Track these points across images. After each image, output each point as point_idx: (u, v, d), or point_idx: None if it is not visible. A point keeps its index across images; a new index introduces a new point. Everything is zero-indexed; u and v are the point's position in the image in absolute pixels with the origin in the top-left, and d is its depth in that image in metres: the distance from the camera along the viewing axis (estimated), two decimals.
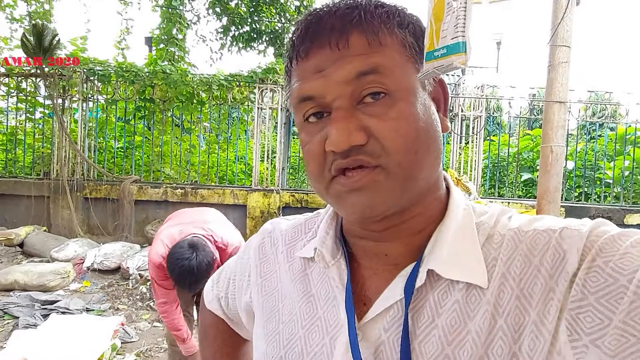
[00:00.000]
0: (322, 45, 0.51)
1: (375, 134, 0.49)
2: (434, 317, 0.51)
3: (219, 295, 0.81)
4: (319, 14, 0.52)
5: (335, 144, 0.49)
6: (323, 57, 0.51)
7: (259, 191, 6.25)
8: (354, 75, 0.49)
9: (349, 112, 0.50)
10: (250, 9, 8.73)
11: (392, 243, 0.56)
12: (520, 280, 0.48)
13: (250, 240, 0.76)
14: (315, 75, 0.51)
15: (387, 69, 0.49)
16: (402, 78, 0.50)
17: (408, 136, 0.49)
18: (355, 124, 0.49)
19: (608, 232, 0.47)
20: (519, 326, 0.47)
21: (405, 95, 0.50)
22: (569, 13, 3.72)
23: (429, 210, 0.55)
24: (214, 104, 6.71)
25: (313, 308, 0.60)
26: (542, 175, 3.98)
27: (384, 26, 0.51)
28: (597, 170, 6.79)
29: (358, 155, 0.49)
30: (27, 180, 6.43)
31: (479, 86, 6.44)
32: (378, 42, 0.50)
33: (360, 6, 0.51)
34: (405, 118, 0.49)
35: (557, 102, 3.89)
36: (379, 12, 0.51)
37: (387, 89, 0.49)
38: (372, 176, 0.49)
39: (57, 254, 5.30)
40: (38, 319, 3.85)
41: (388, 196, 0.50)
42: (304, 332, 0.59)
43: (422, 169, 0.51)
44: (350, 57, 0.49)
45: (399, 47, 0.51)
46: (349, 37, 0.50)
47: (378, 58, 0.49)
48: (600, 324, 0.42)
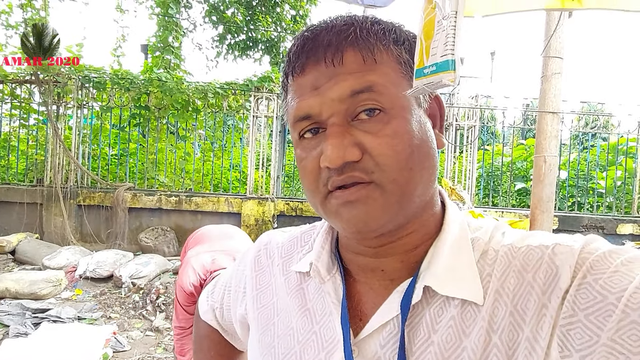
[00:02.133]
0: (318, 61, 0.51)
1: (370, 151, 0.49)
2: (430, 333, 0.51)
3: (214, 306, 0.80)
4: (315, 30, 0.53)
5: (329, 160, 0.49)
6: (318, 74, 0.51)
7: (253, 199, 6.24)
8: (348, 94, 0.50)
9: (343, 128, 0.50)
10: (247, 17, 8.78)
11: (388, 259, 0.56)
12: (514, 297, 0.49)
13: (247, 252, 0.76)
14: (311, 92, 0.51)
15: (381, 86, 0.50)
16: (397, 95, 0.51)
17: (402, 153, 0.49)
18: (350, 140, 0.49)
19: (600, 249, 0.47)
20: (513, 343, 0.47)
21: (400, 113, 0.50)
22: (561, 25, 3.77)
23: (424, 227, 0.56)
24: (210, 112, 6.71)
25: (309, 323, 0.59)
26: (535, 184, 4.01)
27: (379, 43, 0.51)
28: (589, 180, 6.83)
29: (353, 172, 0.50)
30: (19, 187, 6.38)
31: (473, 96, 6.49)
32: (373, 59, 0.50)
33: (356, 23, 0.52)
34: (399, 135, 0.50)
35: (550, 112, 3.92)
36: (375, 29, 0.52)
37: (382, 106, 0.50)
38: (367, 192, 0.50)
39: (49, 261, 5.25)
40: (29, 328, 3.80)
41: (383, 212, 0.50)
42: (299, 347, 0.59)
43: (417, 186, 0.51)
44: (345, 75, 0.50)
45: (394, 64, 0.52)
46: (344, 54, 0.50)
47: (372, 76, 0.50)
48: (589, 340, 0.42)
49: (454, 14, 0.44)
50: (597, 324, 0.42)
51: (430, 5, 0.48)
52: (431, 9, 0.48)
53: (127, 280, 4.91)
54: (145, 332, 4.14)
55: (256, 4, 9.10)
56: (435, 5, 0.47)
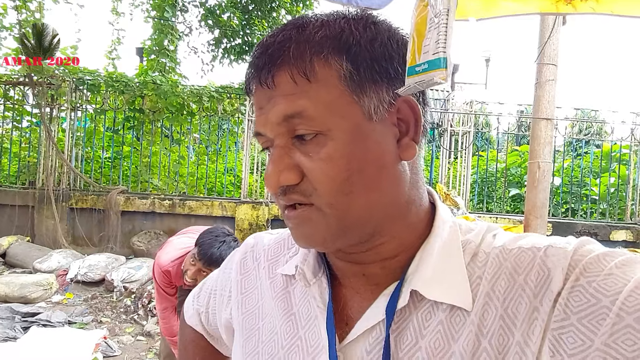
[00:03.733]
0: (258, 83, 0.50)
1: (307, 174, 0.49)
2: (418, 338, 0.50)
3: (199, 310, 0.79)
4: (262, 46, 0.51)
5: (266, 181, 0.50)
6: (260, 94, 0.51)
7: (247, 203, 6.21)
8: (282, 118, 0.49)
9: (285, 150, 0.50)
10: (243, 22, 8.79)
11: (368, 265, 0.55)
12: (505, 300, 0.47)
13: (233, 255, 0.74)
14: (259, 111, 0.52)
15: (312, 110, 0.47)
16: (334, 116, 0.48)
17: (336, 178, 0.48)
18: (287, 164, 0.49)
19: (593, 251, 0.46)
20: (504, 347, 0.46)
21: (338, 134, 0.48)
22: (555, 32, 3.80)
23: (399, 237, 0.53)
24: (204, 116, 6.70)
25: (294, 327, 0.58)
26: (529, 190, 4.01)
27: (316, 57, 0.48)
28: (583, 186, 6.87)
29: (292, 194, 0.50)
30: (11, 190, 6.32)
31: (468, 102, 6.52)
32: (306, 79, 0.48)
33: (295, 35, 0.49)
34: (333, 160, 0.48)
35: (544, 119, 3.94)
36: (315, 39, 0.49)
37: (317, 130, 0.48)
38: (307, 214, 0.50)
39: (40, 265, 5.20)
40: (18, 332, 3.76)
41: (326, 232, 0.50)
42: (284, 352, 0.57)
43: (360, 208, 0.49)
44: (278, 98, 0.49)
45: (333, 80, 0.48)
46: (275, 76, 0.49)
47: (303, 99, 0.48)
48: (582, 345, 0.41)
49: (446, 11, 0.44)
50: (591, 328, 0.41)
51: (423, 3, 0.48)
52: (423, 6, 0.47)
53: (119, 284, 4.87)
54: (137, 336, 4.10)
55: (252, 8, 9.12)
56: (428, 3, 0.46)
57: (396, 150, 0.51)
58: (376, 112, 0.49)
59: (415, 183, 0.54)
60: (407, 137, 0.52)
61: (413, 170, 0.54)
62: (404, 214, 0.53)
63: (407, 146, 0.51)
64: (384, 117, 0.50)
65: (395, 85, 0.50)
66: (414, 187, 0.54)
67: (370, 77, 0.49)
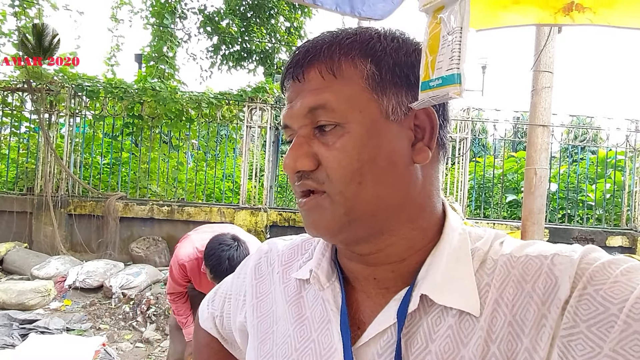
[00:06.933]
0: (292, 79, 0.56)
1: (322, 162, 0.53)
2: (428, 342, 0.51)
3: (214, 314, 0.80)
4: (300, 47, 0.57)
5: (284, 166, 0.55)
6: (293, 90, 0.56)
7: (246, 209, 6.22)
8: (307, 110, 0.54)
9: (306, 139, 0.54)
10: (241, 28, 8.84)
11: (379, 268, 0.57)
12: (513, 307, 0.49)
13: (247, 260, 0.76)
14: (289, 104, 0.57)
15: (334, 103, 0.52)
16: (353, 109, 0.52)
17: (348, 167, 0.52)
18: (305, 151, 0.53)
19: (599, 259, 0.48)
20: (512, 353, 0.47)
21: (355, 127, 0.52)
22: (551, 40, 3.85)
23: (407, 240, 0.55)
24: (203, 122, 6.71)
25: (307, 331, 0.59)
26: (526, 196, 4.04)
27: (344, 58, 0.53)
28: (579, 192, 6.92)
29: (307, 181, 0.54)
30: (9, 196, 6.29)
31: (465, 109, 6.57)
32: (333, 75, 0.53)
33: (329, 38, 0.55)
34: (347, 150, 0.52)
35: (540, 125, 3.98)
36: (344, 43, 0.54)
37: (337, 122, 0.52)
38: (318, 201, 0.54)
39: (38, 271, 5.17)
40: (16, 339, 3.73)
41: (333, 221, 0.53)
42: (297, 355, 0.59)
43: (368, 200, 0.52)
44: (307, 92, 0.54)
45: (357, 79, 0.53)
46: (305, 72, 0.54)
47: (327, 93, 0.52)
48: (591, 352, 0.43)
49: (459, 29, 0.46)
50: (600, 335, 0.43)
51: (435, 21, 0.50)
52: (436, 24, 0.49)
53: (118, 290, 4.85)
54: (135, 343, 4.09)
55: (251, 15, 9.18)
56: (441, 20, 0.48)
57: (409, 153, 0.54)
58: (393, 112, 0.53)
59: (429, 192, 0.57)
60: (421, 142, 0.55)
61: (427, 179, 0.56)
62: (413, 217, 0.56)
63: (421, 150, 0.55)
64: (400, 119, 0.54)
65: (414, 92, 0.53)
66: (427, 195, 0.57)
67: (392, 80, 0.53)
